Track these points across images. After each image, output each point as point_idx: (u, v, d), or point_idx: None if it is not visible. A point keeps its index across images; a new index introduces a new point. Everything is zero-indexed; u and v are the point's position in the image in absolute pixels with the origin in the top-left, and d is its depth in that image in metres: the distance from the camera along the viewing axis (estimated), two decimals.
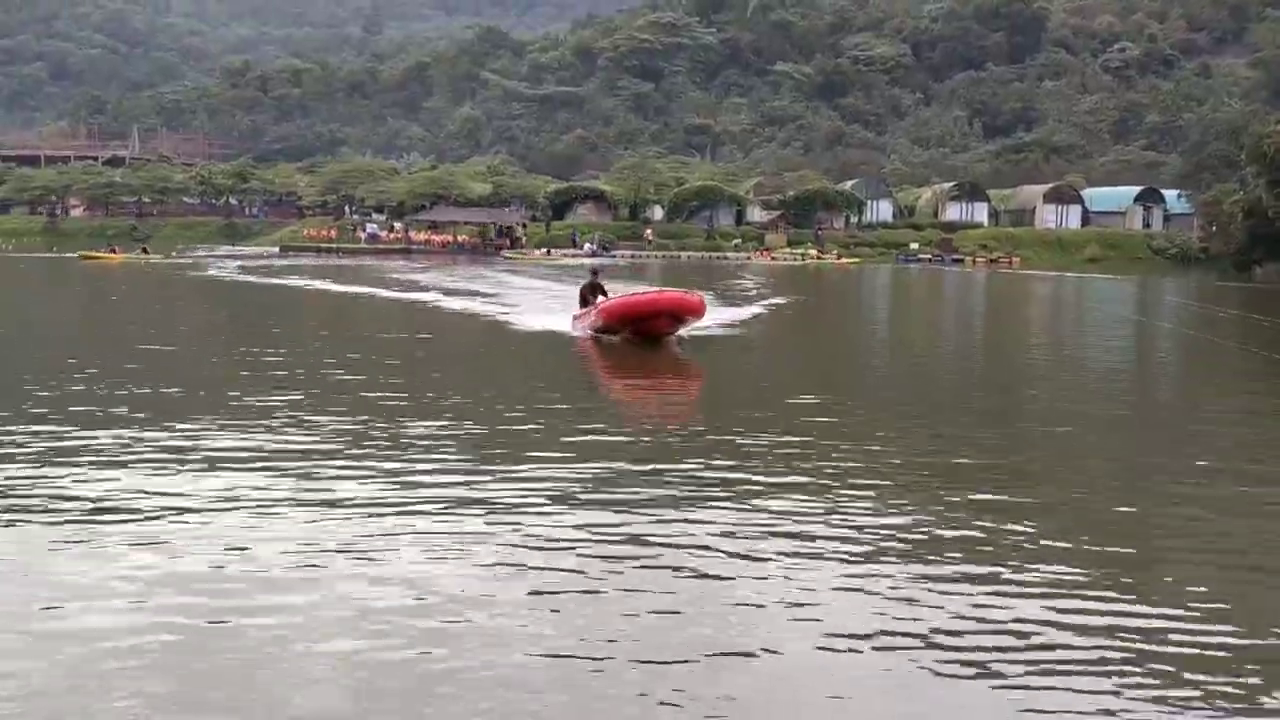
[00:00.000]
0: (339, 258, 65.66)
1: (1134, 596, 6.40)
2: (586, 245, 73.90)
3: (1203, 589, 6.55)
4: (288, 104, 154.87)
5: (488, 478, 8.90)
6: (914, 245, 78.40)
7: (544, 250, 73.05)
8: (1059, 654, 5.52)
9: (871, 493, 8.64)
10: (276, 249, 75.93)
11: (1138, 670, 5.37)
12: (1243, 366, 20.29)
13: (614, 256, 70.94)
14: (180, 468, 9.02)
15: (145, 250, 58.80)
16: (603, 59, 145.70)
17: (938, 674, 5.27)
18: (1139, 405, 15.16)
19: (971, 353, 23.34)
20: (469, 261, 61.49)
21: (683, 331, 19.77)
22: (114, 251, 56.47)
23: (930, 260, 75.43)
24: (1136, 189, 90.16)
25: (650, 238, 76.64)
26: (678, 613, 5.98)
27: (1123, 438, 12.02)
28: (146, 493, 8.18)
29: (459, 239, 74.60)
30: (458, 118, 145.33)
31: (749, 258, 72.87)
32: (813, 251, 74.85)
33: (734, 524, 7.61)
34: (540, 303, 28.91)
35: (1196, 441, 11.71)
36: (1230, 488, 9.32)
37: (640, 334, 18.97)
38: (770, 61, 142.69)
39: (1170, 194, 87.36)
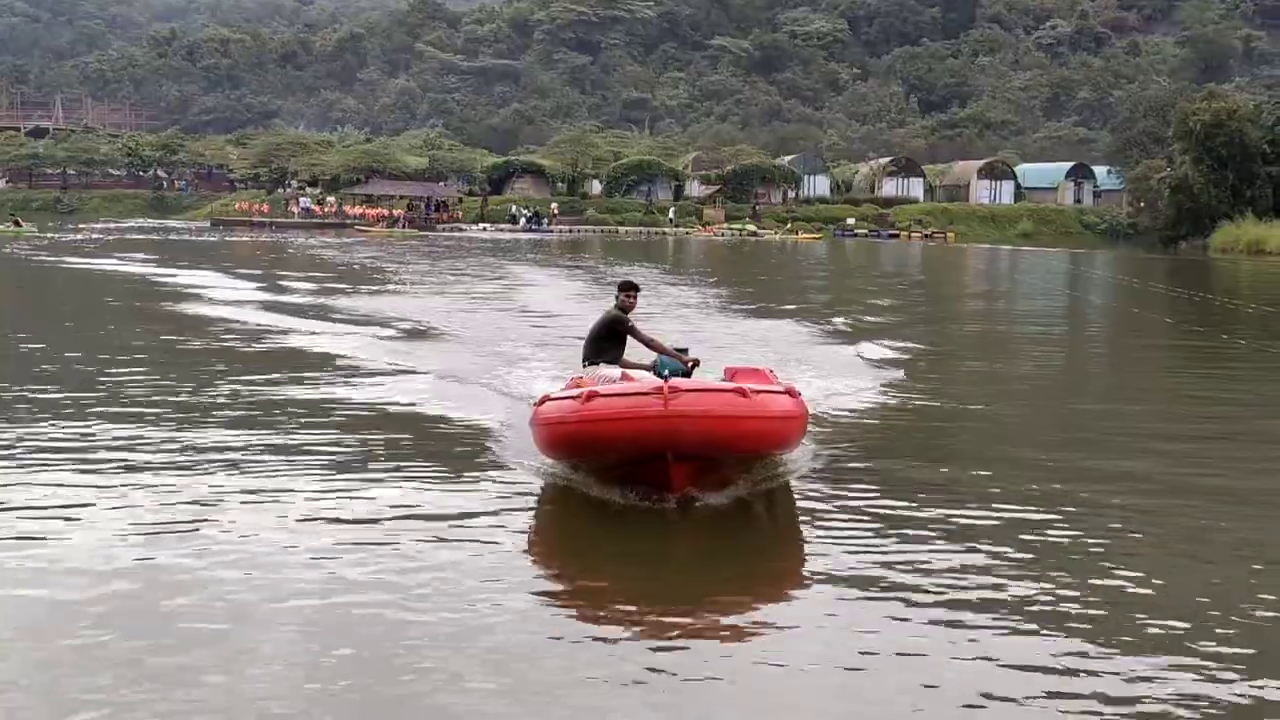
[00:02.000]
0: (272, 232, 64.61)
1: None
2: (522, 218, 73.51)
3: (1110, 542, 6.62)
4: (217, 74, 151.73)
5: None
6: (850, 220, 78.88)
7: (481, 225, 72.55)
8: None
9: None
10: (207, 223, 74.65)
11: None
12: (1150, 328, 20.67)
13: (548, 230, 70.64)
14: None
15: (17, 223, 57.28)
16: (539, 31, 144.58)
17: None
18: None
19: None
20: (403, 239, 60.56)
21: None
22: None
23: (867, 235, 75.93)
24: (1068, 165, 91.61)
25: (555, 212, 76.13)
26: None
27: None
28: None
29: (394, 213, 73.77)
30: (392, 90, 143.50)
31: (688, 233, 72.84)
32: (750, 226, 75.03)
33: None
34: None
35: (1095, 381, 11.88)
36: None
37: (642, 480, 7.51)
38: (708, 35, 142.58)
39: (1100, 170, 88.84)
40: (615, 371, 8.77)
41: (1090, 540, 7.02)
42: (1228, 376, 15.02)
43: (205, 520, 7.05)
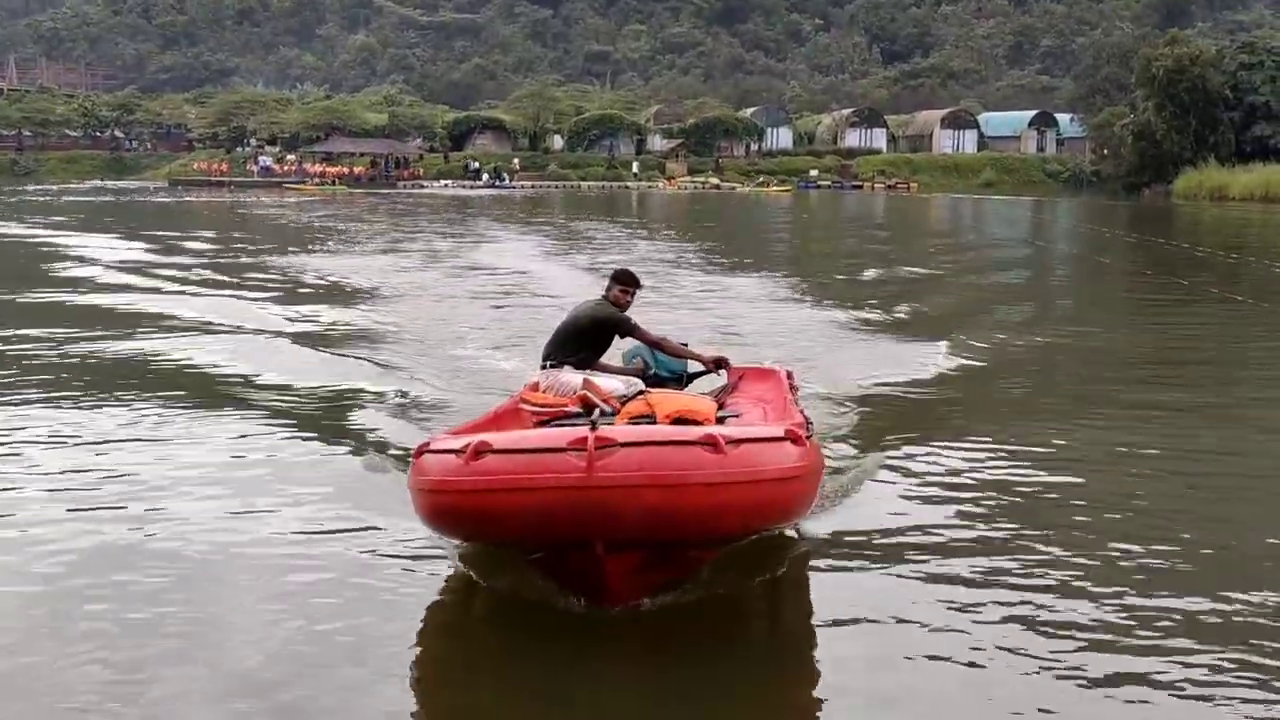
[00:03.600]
0: (230, 192, 63.94)
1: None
2: (484, 175, 73.09)
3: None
4: (173, 31, 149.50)
5: None
6: (813, 172, 78.80)
7: (443, 182, 72.06)
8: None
9: None
10: (165, 183, 73.71)
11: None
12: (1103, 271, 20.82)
13: (512, 187, 70.27)
14: None
15: None
16: None
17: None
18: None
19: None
20: (344, 196, 59.95)
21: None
22: None
23: (830, 186, 75.91)
24: (1031, 113, 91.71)
25: (517, 167, 75.99)
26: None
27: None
28: None
29: (354, 171, 73.09)
30: (351, 46, 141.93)
31: (652, 186, 72.65)
32: (714, 179, 74.89)
33: None
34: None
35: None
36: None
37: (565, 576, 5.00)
38: None
39: (1063, 118, 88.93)
40: (576, 379, 6.64)
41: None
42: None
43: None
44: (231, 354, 11.40)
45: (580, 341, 7.04)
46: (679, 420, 5.52)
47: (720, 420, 5.91)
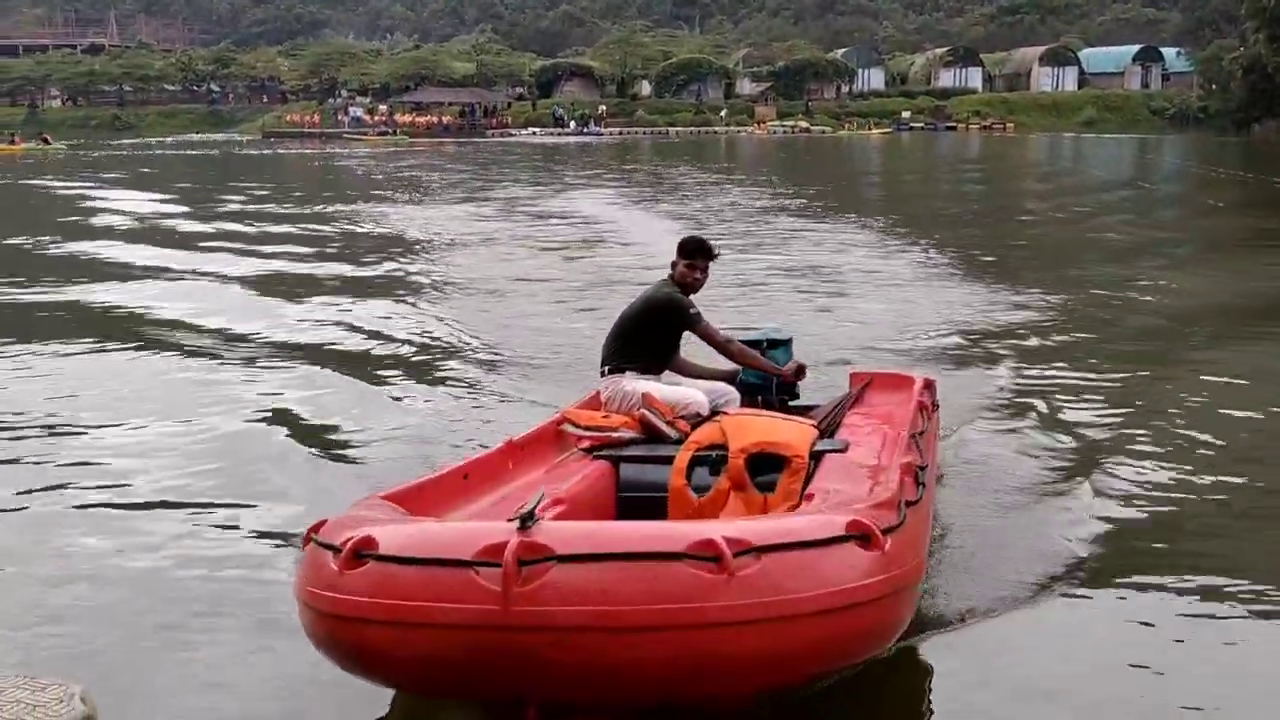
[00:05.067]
0: (321, 143, 64.67)
1: None
2: (572, 122, 72.91)
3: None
4: None
5: None
6: (906, 114, 77.19)
7: (530, 130, 72.02)
8: None
9: None
10: (259, 135, 74.78)
11: None
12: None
13: (599, 133, 69.95)
14: None
15: (45, 140, 58.92)
16: None
17: None
18: None
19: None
20: (407, 146, 59.99)
21: None
22: (14, 142, 57.00)
23: (923, 128, 74.32)
24: (1135, 48, 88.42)
25: (604, 114, 75.43)
26: None
27: None
28: None
29: (444, 120, 73.38)
30: None
31: (741, 131, 71.82)
32: (803, 123, 73.77)
33: None
34: None
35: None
36: None
37: None
38: None
39: (1169, 52, 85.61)
40: (639, 389, 5.13)
41: None
42: None
43: None
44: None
45: (636, 336, 5.42)
46: (758, 456, 4.30)
47: (815, 456, 4.35)
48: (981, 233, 18.75)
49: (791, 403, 5.67)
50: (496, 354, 9.36)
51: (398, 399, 8.02)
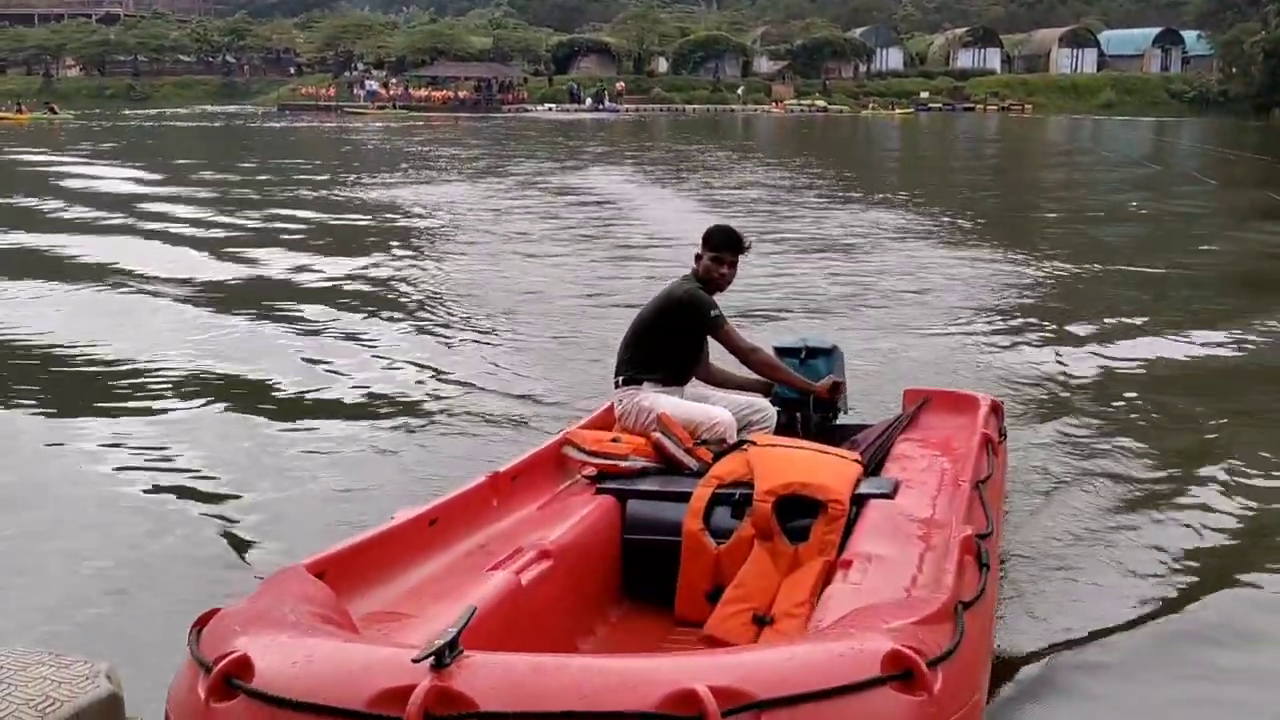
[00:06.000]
0: (338, 117, 64.57)
1: None
2: (588, 99, 72.64)
3: None
4: None
5: None
6: (924, 94, 76.78)
7: (546, 106, 71.80)
8: None
9: None
10: (274, 108, 74.68)
11: None
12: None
13: (615, 110, 69.71)
14: None
15: (52, 110, 59.17)
16: None
17: None
18: None
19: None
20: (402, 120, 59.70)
21: None
22: (20, 111, 57.23)
23: (941, 108, 73.93)
24: (1155, 31, 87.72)
25: (620, 90, 75.00)
26: None
27: None
28: None
29: (459, 95, 73.19)
30: None
31: (758, 110, 71.52)
32: (821, 102, 73.43)
33: None
34: None
35: None
36: None
37: None
38: None
39: (1190, 35, 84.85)
40: (660, 405, 4.52)
41: None
42: None
43: None
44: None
45: (654, 341, 4.72)
46: (790, 500, 3.68)
47: (858, 501, 3.71)
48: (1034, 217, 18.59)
49: (836, 422, 5.00)
50: (505, 340, 9.11)
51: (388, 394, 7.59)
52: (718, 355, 4.86)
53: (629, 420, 4.55)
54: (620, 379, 4.69)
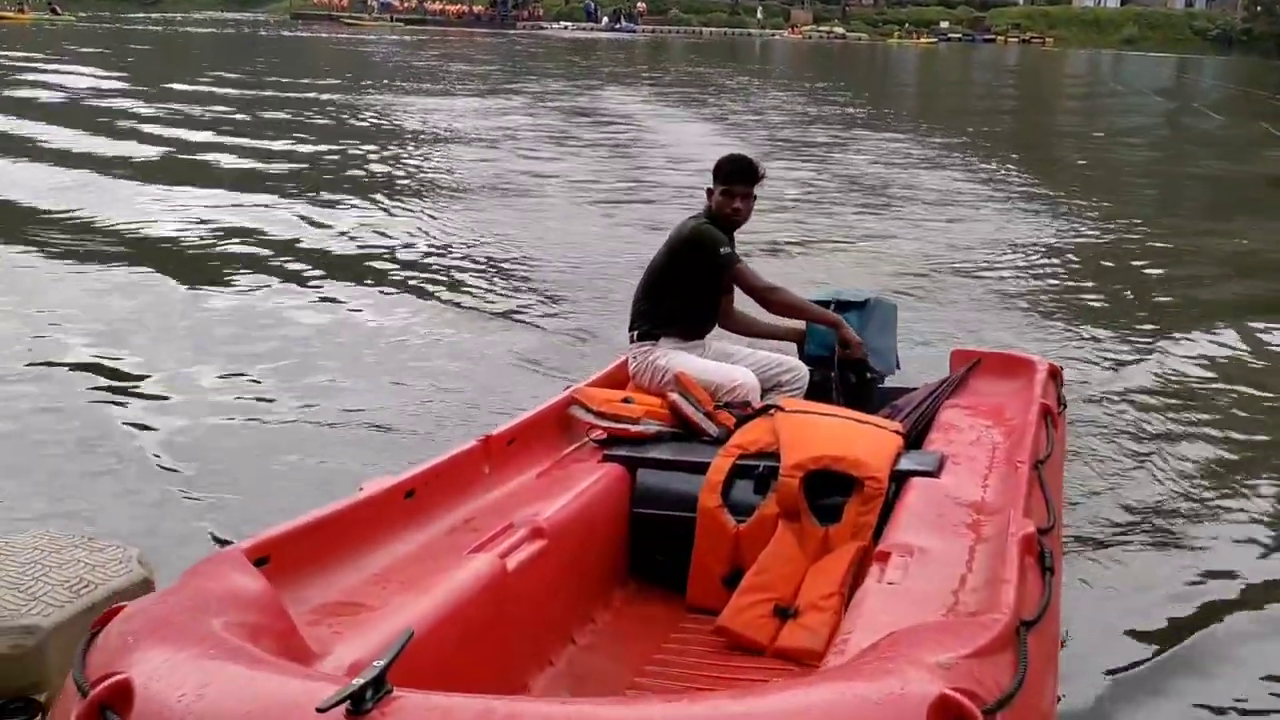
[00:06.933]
0: (346, 27, 63.93)
1: None
2: (605, 17, 71.77)
3: None
4: None
5: None
6: (944, 24, 75.83)
7: (562, 23, 70.98)
8: None
9: None
10: (287, 16, 73.86)
11: None
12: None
13: (633, 29, 68.93)
14: None
15: (54, 11, 59.03)
16: None
17: None
18: None
19: None
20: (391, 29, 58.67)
21: None
22: (22, 11, 57.08)
23: (961, 39, 73.06)
24: None
25: (643, 10, 73.93)
26: None
27: None
28: None
29: (475, 10, 72.32)
30: None
31: (775, 35, 70.72)
32: (839, 29, 72.60)
33: None
34: None
35: None
36: None
37: None
38: None
39: None
40: (677, 363, 4.03)
41: None
42: None
43: None
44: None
45: (666, 290, 4.19)
46: (820, 475, 3.25)
47: (897, 478, 3.23)
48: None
49: (879, 385, 4.34)
50: (511, 271, 8.80)
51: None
52: (741, 301, 4.33)
53: (643, 379, 4.07)
54: (635, 333, 4.18)
